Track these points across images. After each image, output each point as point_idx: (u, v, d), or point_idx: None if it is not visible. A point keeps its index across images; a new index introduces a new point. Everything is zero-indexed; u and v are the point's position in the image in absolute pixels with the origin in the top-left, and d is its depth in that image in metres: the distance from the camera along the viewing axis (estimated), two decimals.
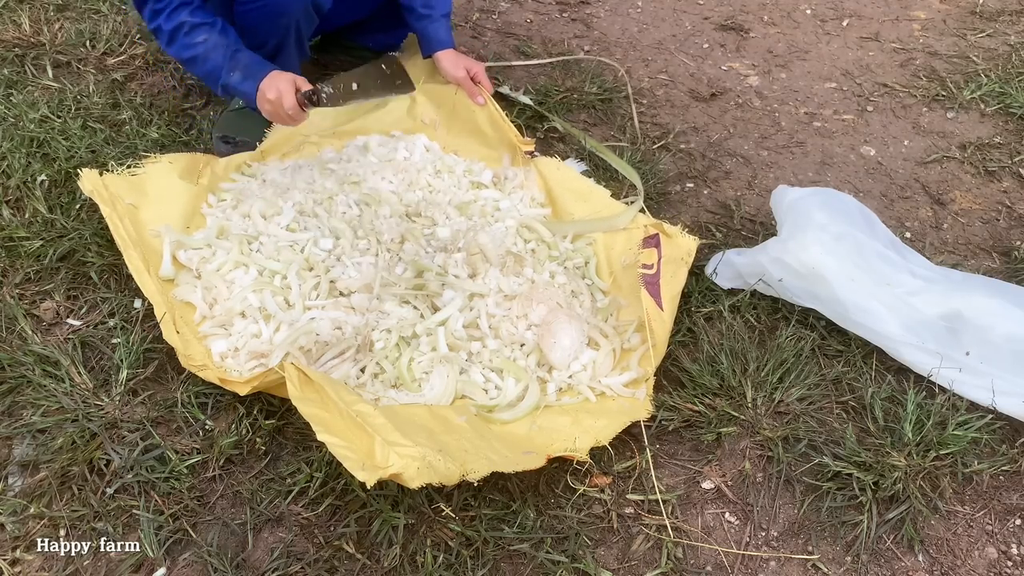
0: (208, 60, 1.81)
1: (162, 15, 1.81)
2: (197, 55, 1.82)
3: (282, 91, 1.78)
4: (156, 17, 1.82)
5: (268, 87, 1.79)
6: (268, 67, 1.83)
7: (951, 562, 1.41)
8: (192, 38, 1.81)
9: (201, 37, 1.80)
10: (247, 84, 1.82)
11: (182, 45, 1.82)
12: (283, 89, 1.78)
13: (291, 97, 1.79)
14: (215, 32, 1.82)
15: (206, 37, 1.81)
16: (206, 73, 1.84)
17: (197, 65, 1.84)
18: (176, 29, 1.81)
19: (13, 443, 1.49)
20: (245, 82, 1.82)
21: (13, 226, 1.86)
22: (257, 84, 1.81)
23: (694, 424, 1.59)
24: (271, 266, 1.77)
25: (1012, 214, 2.13)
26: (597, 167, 2.18)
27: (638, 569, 1.38)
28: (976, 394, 1.58)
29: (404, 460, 1.25)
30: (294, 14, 1.93)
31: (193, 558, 1.36)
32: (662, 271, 1.72)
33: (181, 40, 1.82)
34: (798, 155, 2.33)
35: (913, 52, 2.75)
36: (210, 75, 1.84)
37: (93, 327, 1.69)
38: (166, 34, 1.83)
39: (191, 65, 1.86)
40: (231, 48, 1.82)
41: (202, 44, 1.80)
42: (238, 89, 1.83)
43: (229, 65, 1.81)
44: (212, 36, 1.81)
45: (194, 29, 1.81)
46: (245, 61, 1.83)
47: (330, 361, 1.59)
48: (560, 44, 2.71)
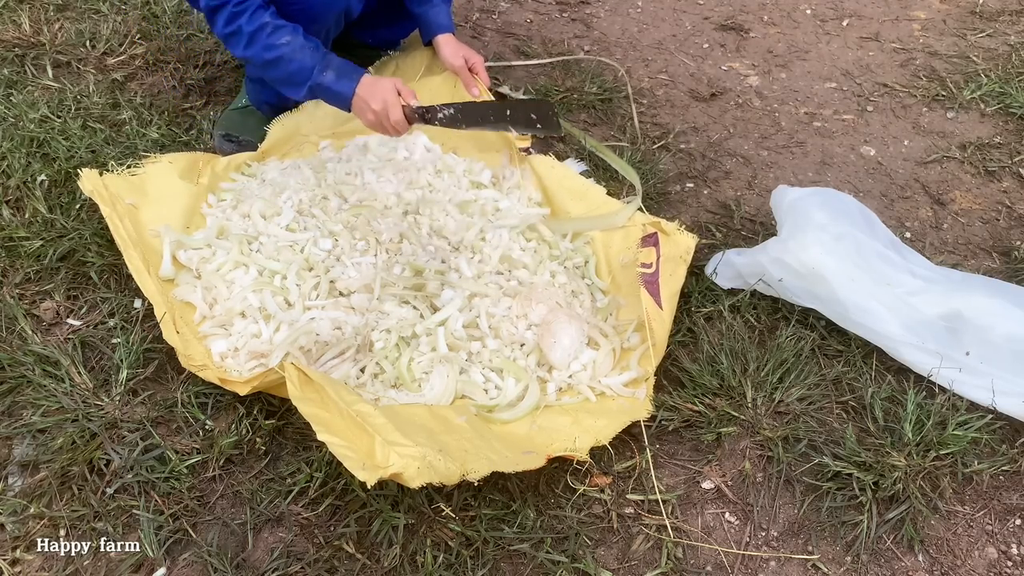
0: (294, 60, 1.77)
1: (243, 16, 1.76)
2: (283, 55, 1.76)
3: (388, 102, 1.76)
4: (236, 19, 1.76)
5: (370, 96, 1.76)
6: (361, 70, 1.81)
7: (951, 562, 1.41)
8: (277, 38, 1.76)
9: (286, 38, 1.76)
10: (342, 84, 1.78)
11: (265, 45, 1.76)
12: (389, 100, 1.76)
13: (398, 110, 1.77)
14: (299, 34, 1.79)
15: (290, 39, 1.76)
16: (290, 74, 1.79)
17: (281, 66, 1.78)
18: (259, 30, 1.76)
19: (13, 443, 1.49)
20: (340, 81, 1.78)
21: (13, 226, 1.86)
22: (354, 86, 1.78)
23: (694, 424, 1.59)
24: (271, 266, 1.77)
25: (1012, 214, 2.13)
26: (597, 167, 2.18)
27: (638, 569, 1.38)
28: (976, 394, 1.58)
29: (404, 460, 1.25)
30: (328, 22, 1.94)
31: (193, 558, 1.36)
32: (661, 270, 1.72)
33: (264, 40, 1.76)
34: (798, 155, 2.33)
35: (913, 52, 2.75)
36: (295, 75, 1.79)
37: (93, 327, 1.69)
38: (246, 36, 1.77)
39: (273, 66, 1.80)
40: (320, 50, 1.79)
41: (287, 45, 1.76)
42: (332, 89, 1.79)
43: (321, 64, 1.77)
44: (297, 38, 1.78)
45: (278, 30, 1.76)
46: (337, 62, 1.80)
47: (330, 361, 1.59)
48: (560, 44, 2.71)
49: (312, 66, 1.77)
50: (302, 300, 1.72)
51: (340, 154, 2.12)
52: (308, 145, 2.18)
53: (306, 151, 2.16)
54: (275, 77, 1.83)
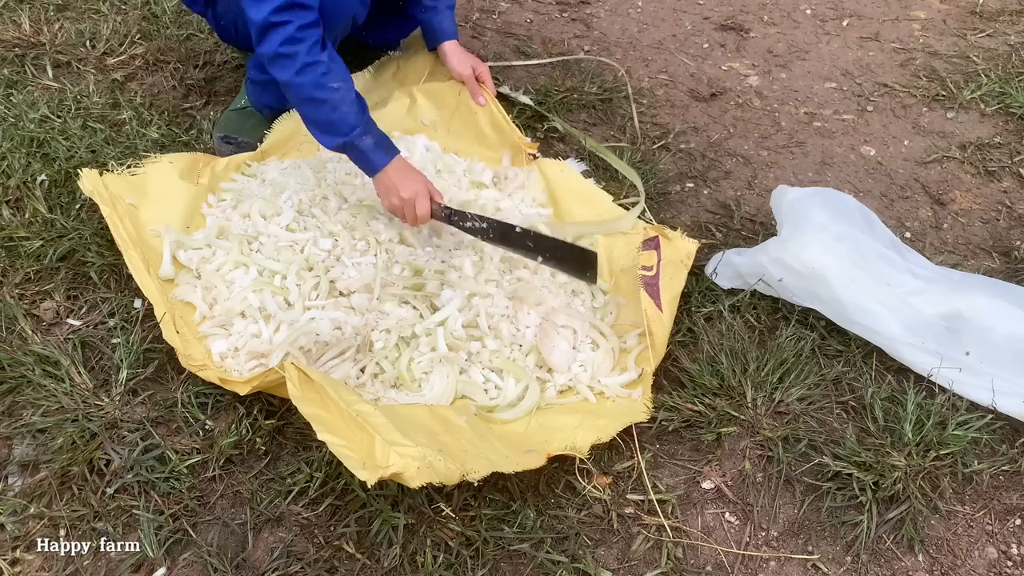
0: (339, 110, 1.71)
1: (303, 43, 1.67)
2: (329, 100, 1.70)
3: (419, 194, 1.74)
4: (296, 43, 1.66)
5: (401, 181, 1.74)
6: (396, 150, 1.79)
7: (951, 562, 1.41)
8: (330, 80, 1.69)
9: (338, 84, 1.70)
10: (377, 155, 1.75)
11: (316, 83, 1.68)
12: (420, 193, 1.74)
13: (426, 204, 1.75)
14: (350, 85, 1.73)
15: (341, 86, 1.71)
16: (330, 122, 1.72)
17: (324, 110, 1.72)
18: (315, 64, 1.68)
19: (13, 443, 1.49)
20: (376, 151, 1.75)
21: (13, 226, 1.86)
22: (388, 161, 1.75)
23: (694, 424, 1.59)
24: (271, 266, 1.77)
25: (1012, 214, 2.13)
26: (597, 167, 2.18)
27: (638, 569, 1.38)
28: (976, 394, 1.58)
29: (404, 460, 1.25)
30: (337, 29, 1.93)
31: (193, 558, 1.36)
32: (661, 273, 1.72)
33: (317, 77, 1.68)
34: (798, 155, 2.33)
35: (913, 52, 2.75)
36: (335, 125, 1.72)
37: (93, 327, 1.69)
38: (300, 63, 1.68)
39: (315, 106, 1.72)
40: (365, 111, 1.75)
41: (337, 92, 1.70)
42: (366, 155, 1.75)
43: (364, 128, 1.72)
44: (349, 88, 1.72)
45: (332, 72, 1.70)
46: (377, 131, 1.76)
47: (330, 361, 1.59)
48: (560, 44, 2.71)
49: (354, 125, 1.72)
50: (302, 300, 1.72)
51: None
52: (308, 145, 2.18)
53: (306, 151, 2.16)
54: (312, 117, 1.77)
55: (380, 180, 1.77)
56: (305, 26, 1.67)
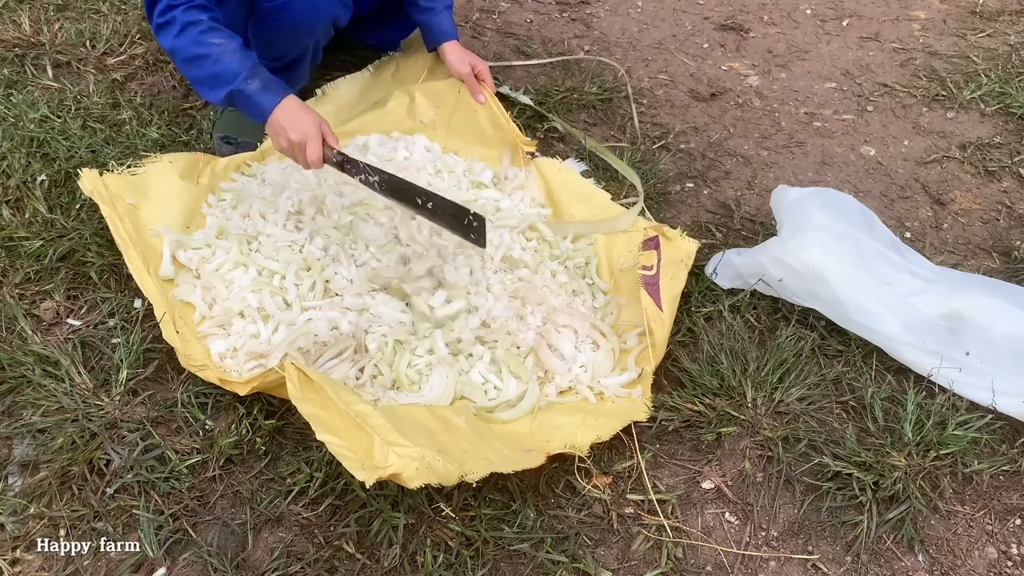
0: (220, 62, 1.67)
1: (178, 9, 1.67)
2: (209, 53, 1.67)
3: (308, 135, 1.65)
4: (170, 10, 1.68)
5: (290, 122, 1.66)
6: (289, 89, 1.72)
7: (951, 562, 1.41)
8: (208, 36, 1.67)
9: (217, 40, 1.67)
10: (266, 96, 1.69)
11: (194, 40, 1.67)
12: (310, 134, 1.65)
13: (318, 147, 1.66)
14: (235, 41, 1.69)
15: (223, 41, 1.67)
16: (214, 74, 1.68)
17: (206, 64, 1.68)
18: (193, 23, 1.67)
19: (13, 443, 1.49)
20: (264, 93, 1.68)
21: (13, 226, 1.86)
22: (277, 102, 1.68)
23: (694, 424, 1.59)
24: (270, 266, 1.77)
25: (1012, 214, 2.13)
26: (597, 167, 2.18)
27: (638, 569, 1.38)
28: (976, 394, 1.58)
29: (403, 460, 1.25)
30: (316, 32, 1.93)
31: (193, 558, 1.36)
32: (661, 273, 1.72)
33: (194, 35, 1.67)
34: (798, 155, 2.33)
35: (913, 52, 2.75)
36: (219, 76, 1.68)
37: (93, 327, 1.69)
38: (178, 25, 1.67)
39: (197, 63, 1.69)
40: (252, 59, 1.71)
41: (218, 46, 1.66)
42: (253, 99, 1.69)
43: (250, 72, 1.67)
44: (231, 43, 1.68)
45: (213, 30, 1.68)
46: (266, 75, 1.71)
47: (329, 362, 1.59)
48: (560, 44, 2.71)
49: (239, 72, 1.67)
50: (300, 301, 1.71)
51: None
52: None
53: None
54: (196, 75, 1.71)
55: (270, 123, 1.69)
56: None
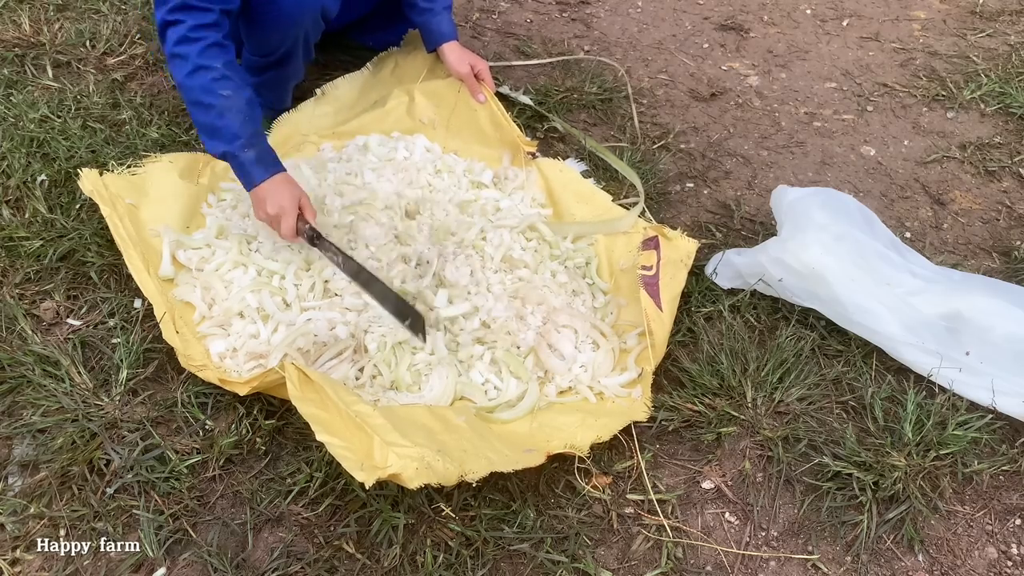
0: (224, 117, 1.67)
1: (195, 45, 1.66)
2: (217, 105, 1.67)
3: (284, 210, 1.68)
4: (186, 44, 1.66)
5: (271, 197, 1.69)
6: (280, 167, 1.73)
7: (951, 562, 1.41)
8: (219, 87, 1.67)
9: (228, 91, 1.67)
10: (255, 170, 1.70)
11: (205, 87, 1.66)
12: (286, 208, 1.68)
13: (291, 222, 1.69)
14: (242, 97, 1.69)
15: (232, 94, 1.67)
16: (215, 128, 1.69)
17: (211, 115, 1.68)
18: (206, 68, 1.67)
19: (13, 443, 1.49)
20: (255, 167, 1.69)
21: (13, 226, 1.86)
22: (264, 179, 1.70)
23: (694, 424, 1.59)
24: (269, 266, 1.77)
25: (1012, 214, 2.13)
26: (597, 167, 2.18)
27: (638, 569, 1.38)
28: (976, 394, 1.58)
29: (403, 460, 1.25)
30: (304, 24, 1.92)
31: (193, 558, 1.36)
32: (661, 273, 1.72)
33: (206, 81, 1.67)
34: (798, 155, 2.33)
35: (913, 52, 2.75)
36: (219, 132, 1.69)
37: (93, 327, 1.69)
38: (191, 65, 1.66)
39: (203, 110, 1.69)
40: (256, 125, 1.72)
41: (227, 99, 1.67)
42: (244, 168, 1.70)
43: (249, 140, 1.69)
44: (238, 99, 1.68)
45: (224, 79, 1.67)
46: (264, 146, 1.73)
47: (328, 362, 1.59)
48: (560, 44, 2.71)
49: (238, 135, 1.68)
50: (299, 301, 1.71)
51: (340, 154, 2.12)
52: (308, 145, 2.18)
53: (306, 151, 2.16)
54: (198, 120, 1.73)
55: (254, 193, 1.72)
56: (200, 27, 1.66)
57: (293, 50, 1.99)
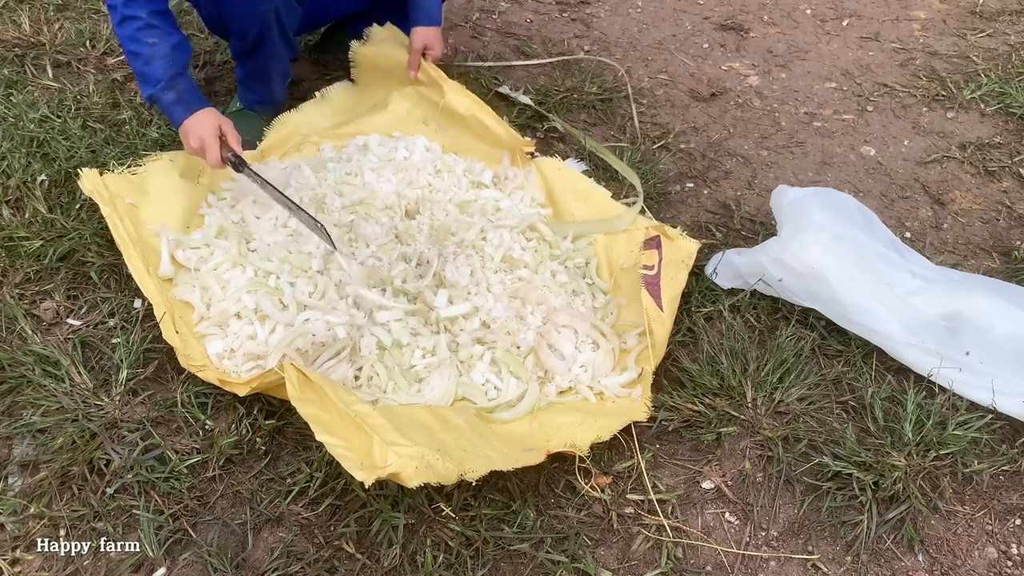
0: (149, 63, 1.77)
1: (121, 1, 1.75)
2: (141, 53, 1.77)
3: (205, 141, 1.76)
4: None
5: (192, 130, 1.77)
6: (203, 104, 1.81)
7: (951, 562, 1.41)
8: (143, 35, 1.76)
9: (151, 39, 1.76)
10: (177, 109, 1.79)
11: (130, 36, 1.77)
12: (207, 139, 1.76)
13: (215, 152, 1.76)
14: (168, 43, 1.78)
15: (156, 41, 1.76)
16: (141, 74, 1.80)
17: (136, 62, 1.80)
18: (131, 19, 1.76)
19: (13, 443, 1.49)
20: (175, 106, 1.79)
21: (13, 226, 1.86)
22: (187, 115, 1.78)
23: (694, 424, 1.59)
24: (265, 266, 1.76)
25: (1012, 214, 2.13)
26: (597, 167, 2.18)
27: (638, 569, 1.38)
28: (976, 394, 1.58)
29: (402, 460, 1.25)
30: (272, 1, 1.91)
31: (193, 558, 1.36)
32: (662, 273, 1.71)
33: (131, 31, 1.77)
34: (798, 155, 2.33)
35: (913, 52, 2.75)
36: (144, 78, 1.80)
37: (93, 327, 1.69)
38: (119, 15, 1.76)
39: (132, 58, 1.81)
40: (175, 67, 1.79)
41: (149, 46, 1.76)
42: (167, 108, 1.81)
43: (168, 83, 1.77)
44: (163, 45, 1.77)
45: (148, 28, 1.76)
46: (184, 86, 1.80)
47: (327, 363, 1.59)
48: (560, 44, 2.71)
49: (159, 79, 1.77)
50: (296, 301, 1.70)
51: (340, 154, 2.12)
52: (308, 145, 2.17)
53: (306, 151, 2.16)
54: (132, 67, 1.84)
55: (180, 132, 1.81)
56: None
57: (266, 32, 1.96)
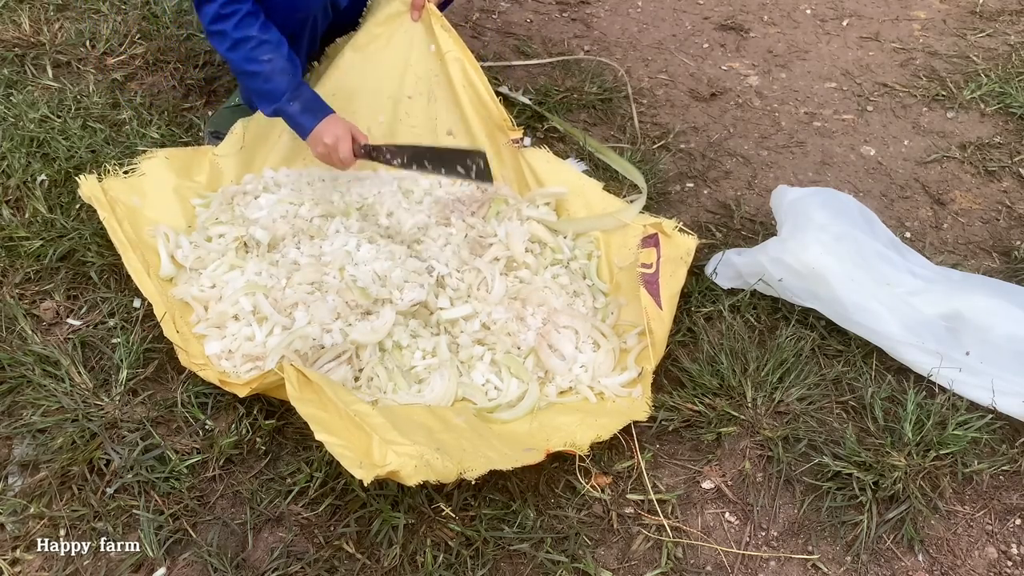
0: (271, 81, 1.80)
1: (230, 20, 1.77)
2: (261, 72, 1.80)
3: (339, 137, 1.81)
4: (222, 21, 1.77)
5: (326, 131, 1.82)
6: (328, 109, 1.85)
7: (951, 562, 1.41)
8: (259, 54, 1.79)
9: (267, 56, 1.79)
10: (305, 118, 1.83)
11: (247, 57, 1.79)
12: (340, 136, 1.81)
13: (347, 145, 1.82)
14: (282, 56, 1.81)
15: (272, 57, 1.79)
16: (262, 92, 1.83)
17: (257, 81, 1.82)
18: (244, 40, 1.78)
19: (13, 443, 1.49)
20: (303, 115, 1.83)
21: (13, 226, 1.86)
22: (316, 122, 1.82)
23: (694, 424, 1.58)
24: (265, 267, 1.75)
25: (1012, 214, 2.13)
26: (597, 167, 2.18)
27: (638, 569, 1.38)
28: (976, 394, 1.58)
29: (401, 458, 1.25)
30: (314, 10, 1.94)
31: (193, 558, 1.36)
32: (661, 270, 1.71)
33: (246, 52, 1.79)
34: (798, 155, 2.33)
35: (913, 52, 2.75)
36: (266, 95, 1.83)
37: (93, 327, 1.69)
38: (230, 40, 1.78)
39: (249, 78, 1.84)
40: (296, 79, 1.83)
41: (268, 63, 1.79)
42: (294, 119, 1.84)
43: (292, 94, 1.81)
44: (279, 59, 1.80)
45: (262, 45, 1.79)
46: (307, 95, 1.84)
47: (327, 364, 1.58)
48: (560, 44, 2.71)
49: (283, 92, 1.81)
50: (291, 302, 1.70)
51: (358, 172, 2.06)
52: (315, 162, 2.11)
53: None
54: (250, 87, 1.89)
55: (310, 138, 1.85)
56: (231, 1, 1.76)
57: (299, 35, 1.98)
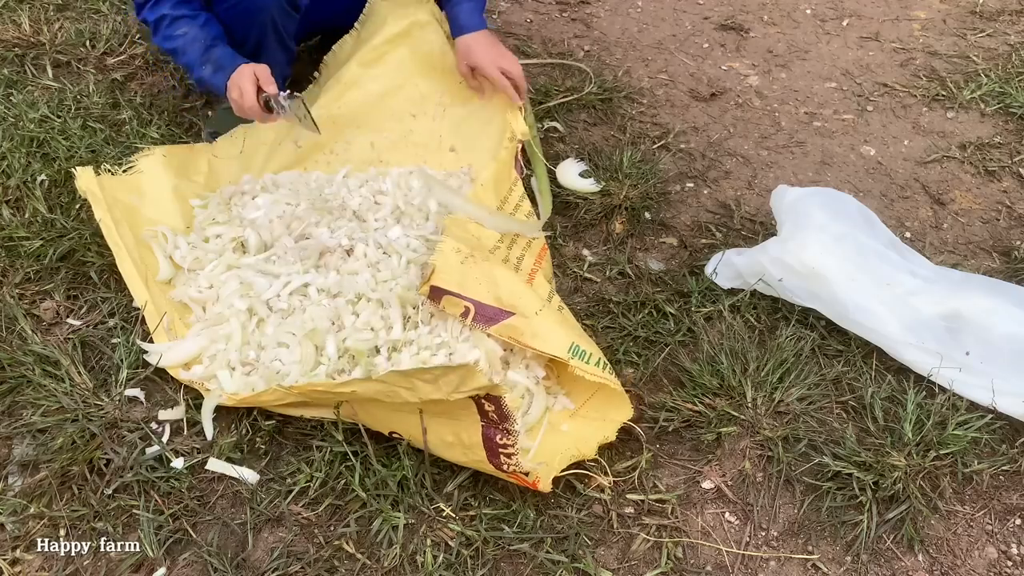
0: (185, 53, 1.84)
1: (146, 7, 1.85)
2: (176, 47, 1.85)
3: (243, 89, 1.76)
4: (142, 10, 1.87)
5: (232, 85, 1.78)
6: (239, 61, 1.80)
7: (951, 562, 1.41)
8: (173, 30, 1.84)
9: (181, 30, 1.83)
10: (217, 77, 1.81)
11: (164, 36, 1.86)
12: (244, 88, 1.76)
13: (251, 96, 1.76)
14: (196, 25, 1.84)
15: (186, 30, 1.83)
16: (184, 65, 1.89)
17: (177, 57, 1.88)
18: (159, 21, 1.84)
19: (13, 443, 1.49)
20: (215, 75, 1.81)
21: (13, 226, 1.86)
22: (227, 78, 1.79)
23: (694, 424, 1.59)
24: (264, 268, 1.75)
25: (1012, 214, 2.13)
26: (597, 167, 2.18)
27: (638, 569, 1.38)
28: (976, 394, 1.58)
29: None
30: (269, 10, 1.91)
31: (193, 558, 1.36)
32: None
33: (163, 31, 1.85)
34: (798, 155, 2.33)
35: (913, 52, 2.75)
36: (187, 68, 1.88)
37: (93, 327, 1.69)
38: (151, 25, 1.87)
39: (173, 56, 1.90)
40: (206, 43, 1.84)
41: (181, 37, 1.83)
42: (210, 83, 1.83)
43: (202, 59, 1.82)
44: (192, 29, 1.83)
45: (175, 21, 1.83)
46: (217, 55, 1.83)
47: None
48: (560, 44, 2.71)
49: (195, 61, 1.83)
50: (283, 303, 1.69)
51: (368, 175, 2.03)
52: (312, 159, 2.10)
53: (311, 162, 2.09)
54: (179, 65, 1.93)
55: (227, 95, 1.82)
56: None
57: (264, 40, 1.96)
